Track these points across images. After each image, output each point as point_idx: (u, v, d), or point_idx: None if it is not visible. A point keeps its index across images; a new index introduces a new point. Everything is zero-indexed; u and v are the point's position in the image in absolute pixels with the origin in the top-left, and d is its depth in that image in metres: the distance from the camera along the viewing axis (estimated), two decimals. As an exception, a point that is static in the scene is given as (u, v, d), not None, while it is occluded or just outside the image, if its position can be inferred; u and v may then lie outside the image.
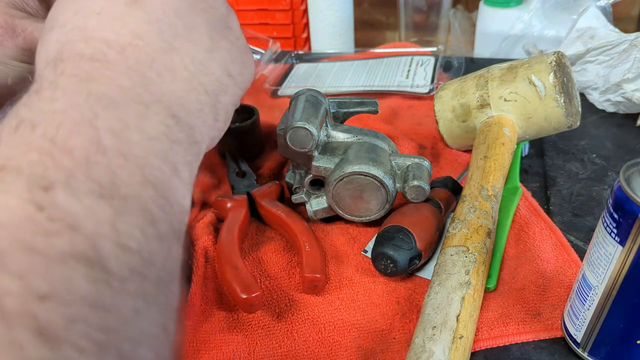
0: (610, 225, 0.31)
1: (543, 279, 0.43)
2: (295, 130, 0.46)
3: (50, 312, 0.15)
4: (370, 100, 0.54)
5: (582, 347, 0.36)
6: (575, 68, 0.69)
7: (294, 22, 0.93)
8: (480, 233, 0.42)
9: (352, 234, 0.50)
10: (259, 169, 0.59)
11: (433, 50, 0.84)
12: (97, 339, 0.16)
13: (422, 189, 0.46)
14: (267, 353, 0.39)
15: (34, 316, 0.15)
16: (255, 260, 0.47)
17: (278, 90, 0.78)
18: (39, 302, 0.15)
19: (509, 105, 0.53)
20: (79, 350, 0.15)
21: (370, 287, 0.44)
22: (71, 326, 0.15)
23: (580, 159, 0.59)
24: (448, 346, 0.34)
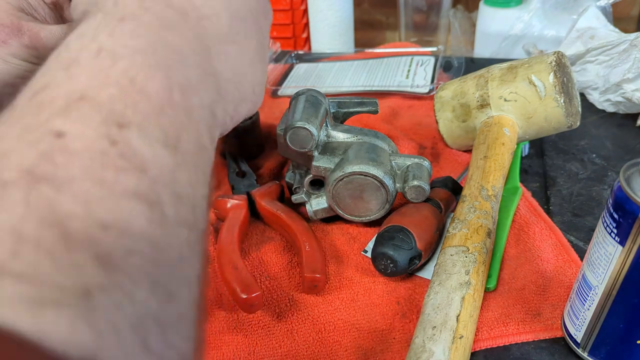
0: (610, 225, 0.31)
1: (543, 279, 0.43)
2: (295, 130, 0.46)
3: (110, 241, 0.16)
4: (370, 100, 0.54)
5: (582, 347, 0.36)
6: (575, 68, 0.69)
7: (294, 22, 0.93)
8: (480, 233, 0.42)
9: (352, 234, 0.50)
10: (259, 169, 0.59)
11: (433, 50, 0.84)
12: (151, 273, 0.16)
13: (422, 189, 0.46)
14: (267, 353, 0.39)
15: (96, 242, 0.15)
16: (255, 260, 0.47)
17: (278, 90, 0.78)
18: (101, 229, 0.16)
19: (509, 105, 0.53)
20: (134, 282, 0.16)
21: (370, 287, 0.44)
22: (129, 257, 0.16)
23: (580, 159, 0.59)
24: (448, 346, 0.34)
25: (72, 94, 0.18)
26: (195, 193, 0.20)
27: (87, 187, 0.16)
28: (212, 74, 0.25)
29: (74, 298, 0.14)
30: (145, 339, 0.16)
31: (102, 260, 0.15)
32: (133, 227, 0.16)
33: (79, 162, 0.17)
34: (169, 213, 0.18)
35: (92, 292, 0.14)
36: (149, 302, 0.16)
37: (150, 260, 0.17)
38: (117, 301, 0.15)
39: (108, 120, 0.18)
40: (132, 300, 0.15)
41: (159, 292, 0.17)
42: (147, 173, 0.18)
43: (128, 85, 0.19)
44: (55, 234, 0.15)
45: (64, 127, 0.17)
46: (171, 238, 0.18)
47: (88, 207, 0.16)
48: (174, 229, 0.18)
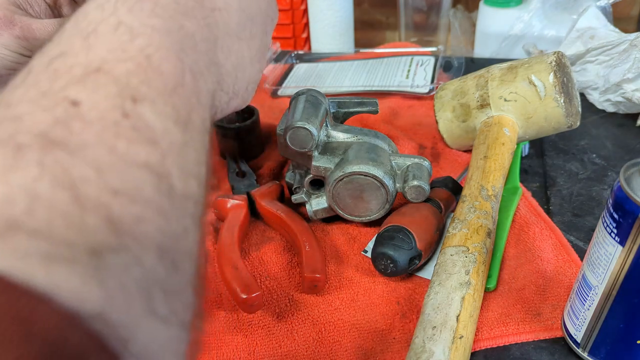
0: (610, 225, 0.31)
1: (543, 279, 0.43)
2: (295, 130, 0.46)
3: (121, 206, 0.16)
4: (370, 100, 0.54)
5: (582, 347, 0.36)
6: (575, 68, 0.69)
7: (294, 22, 0.93)
8: (480, 233, 0.42)
9: (352, 234, 0.50)
10: (259, 169, 0.59)
11: (433, 50, 0.84)
12: (159, 242, 0.17)
13: (422, 189, 0.46)
14: (267, 353, 0.39)
15: (107, 206, 0.16)
16: (255, 260, 0.47)
17: (278, 90, 0.78)
18: (113, 195, 0.16)
19: (509, 105, 0.53)
20: (143, 247, 0.16)
21: (370, 287, 0.44)
22: (138, 224, 0.17)
23: (580, 159, 0.59)
24: (448, 346, 0.34)
25: (89, 64, 0.19)
26: (200, 170, 0.21)
27: (100, 154, 0.17)
28: (215, 63, 0.26)
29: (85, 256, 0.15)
30: (151, 303, 0.16)
31: (112, 224, 0.16)
32: (143, 195, 0.17)
33: (93, 130, 0.17)
34: (177, 186, 0.19)
35: (102, 252, 0.15)
36: (156, 268, 0.17)
37: (159, 229, 0.17)
38: (126, 264, 0.16)
39: (123, 94, 0.18)
40: (140, 265, 0.16)
41: (165, 260, 0.17)
42: (158, 146, 0.18)
43: (144, 62, 0.20)
44: (68, 195, 0.15)
45: (80, 97, 0.18)
46: (178, 210, 0.19)
47: (100, 173, 0.16)
48: (181, 202, 0.19)
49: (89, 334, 0.14)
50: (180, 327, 0.18)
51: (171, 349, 0.17)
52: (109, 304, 0.15)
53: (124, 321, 0.15)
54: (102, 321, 0.14)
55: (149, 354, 0.16)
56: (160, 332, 0.16)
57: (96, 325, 0.14)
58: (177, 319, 0.17)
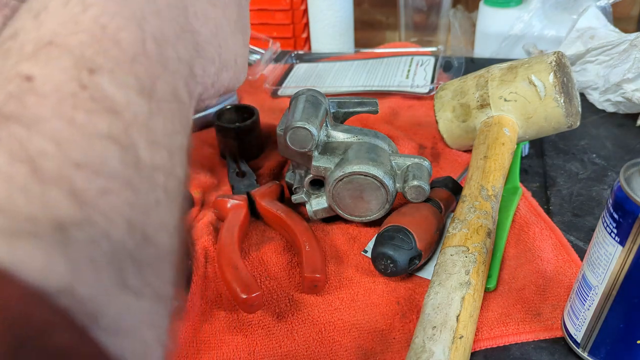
0: (610, 225, 0.31)
1: (543, 279, 0.43)
2: (295, 130, 0.46)
3: (84, 179, 0.16)
4: (370, 100, 0.54)
5: (582, 347, 0.36)
6: (575, 68, 0.69)
7: (294, 22, 0.93)
8: (480, 233, 0.42)
9: (352, 234, 0.50)
10: (259, 169, 0.59)
11: (433, 50, 0.84)
12: (126, 214, 0.17)
13: (422, 189, 0.46)
14: (267, 353, 0.39)
15: (69, 179, 0.15)
16: (255, 260, 0.47)
17: (278, 90, 0.78)
18: (74, 168, 0.16)
19: (509, 105, 0.53)
20: (110, 221, 0.16)
21: (370, 287, 0.44)
22: (104, 196, 0.16)
23: (580, 159, 0.59)
24: (448, 346, 0.34)
25: (41, 39, 0.18)
26: (172, 142, 0.20)
27: (57, 127, 0.16)
28: (189, 31, 0.25)
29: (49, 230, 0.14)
30: (122, 276, 0.16)
31: (75, 197, 0.15)
32: (107, 167, 0.17)
33: (48, 103, 0.17)
34: (144, 157, 0.18)
35: (66, 226, 0.15)
36: (125, 241, 0.16)
37: (126, 201, 0.17)
38: (92, 237, 0.15)
39: (78, 65, 0.18)
40: (108, 238, 0.16)
41: (135, 232, 0.17)
42: (120, 117, 0.18)
43: (99, 33, 0.19)
44: (27, 169, 0.15)
45: (33, 71, 0.17)
46: (147, 181, 0.18)
47: (59, 146, 0.16)
48: (150, 173, 0.18)
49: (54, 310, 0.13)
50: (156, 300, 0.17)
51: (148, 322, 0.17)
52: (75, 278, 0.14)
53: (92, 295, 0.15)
54: (69, 296, 0.14)
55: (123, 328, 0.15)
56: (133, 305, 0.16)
57: (63, 300, 0.14)
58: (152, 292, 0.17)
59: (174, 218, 0.20)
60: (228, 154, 0.60)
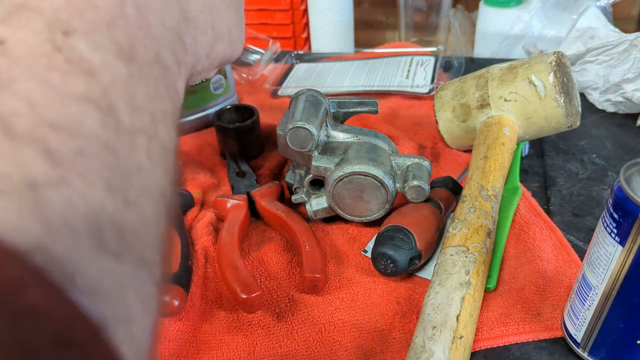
0: (610, 225, 0.31)
1: (543, 279, 0.43)
2: (295, 130, 0.46)
3: (60, 140, 0.16)
4: (370, 100, 0.54)
5: (582, 347, 0.36)
6: (575, 68, 0.69)
7: (294, 22, 0.93)
8: (480, 233, 0.42)
9: (352, 234, 0.50)
10: (259, 169, 0.59)
11: (433, 50, 0.84)
12: (105, 177, 0.16)
13: (422, 189, 0.46)
14: (267, 353, 0.39)
15: (44, 139, 0.15)
16: (255, 260, 0.47)
17: (278, 90, 0.78)
18: (49, 129, 0.15)
19: (509, 105, 0.53)
20: (87, 183, 0.16)
21: (370, 287, 0.44)
22: (81, 157, 0.16)
23: (580, 159, 0.59)
24: (448, 346, 0.34)
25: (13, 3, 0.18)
26: (155, 106, 0.20)
27: (31, 88, 0.16)
28: None
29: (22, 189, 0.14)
30: (101, 238, 0.16)
31: (50, 157, 0.15)
32: (84, 129, 0.16)
33: (21, 65, 0.16)
34: (124, 119, 0.18)
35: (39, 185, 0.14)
36: (104, 203, 0.16)
37: (105, 163, 0.17)
38: (68, 197, 0.15)
39: (52, 28, 0.18)
40: (85, 199, 0.15)
41: (115, 196, 0.17)
42: (98, 79, 0.18)
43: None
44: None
45: (5, 34, 0.17)
46: (127, 145, 0.18)
47: (33, 107, 0.16)
48: (130, 136, 0.18)
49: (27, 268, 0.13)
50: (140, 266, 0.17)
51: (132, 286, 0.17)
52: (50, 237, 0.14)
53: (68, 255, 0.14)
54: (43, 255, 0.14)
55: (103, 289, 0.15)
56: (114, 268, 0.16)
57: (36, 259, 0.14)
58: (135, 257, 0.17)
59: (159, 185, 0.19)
60: (228, 154, 0.60)
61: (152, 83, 0.20)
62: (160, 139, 0.20)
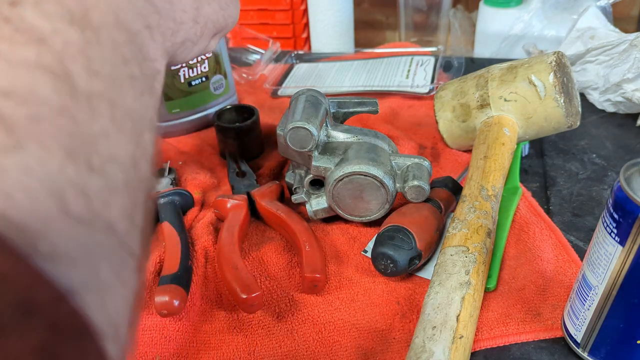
0: (610, 225, 0.31)
1: (543, 279, 0.43)
2: (295, 130, 0.46)
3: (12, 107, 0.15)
4: (370, 100, 0.54)
5: (582, 347, 0.36)
6: (575, 68, 0.69)
7: (294, 22, 0.93)
8: (480, 233, 0.42)
9: (352, 234, 0.50)
10: (259, 169, 0.59)
11: (433, 50, 0.84)
12: (64, 142, 0.16)
13: (422, 189, 0.46)
14: (267, 353, 0.39)
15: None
16: (255, 260, 0.47)
17: (278, 90, 0.78)
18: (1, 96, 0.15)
19: (509, 105, 0.53)
20: (44, 148, 0.16)
21: (370, 287, 0.44)
22: (35, 124, 0.16)
23: (580, 159, 0.59)
24: (448, 346, 0.34)
25: None
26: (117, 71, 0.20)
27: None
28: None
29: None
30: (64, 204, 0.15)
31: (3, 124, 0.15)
32: (37, 95, 0.16)
33: None
34: (81, 84, 0.18)
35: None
36: (65, 169, 0.16)
37: (62, 129, 0.16)
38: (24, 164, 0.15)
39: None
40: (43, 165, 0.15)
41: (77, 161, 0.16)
42: (49, 46, 0.17)
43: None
44: None
45: None
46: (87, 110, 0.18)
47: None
48: (90, 102, 0.18)
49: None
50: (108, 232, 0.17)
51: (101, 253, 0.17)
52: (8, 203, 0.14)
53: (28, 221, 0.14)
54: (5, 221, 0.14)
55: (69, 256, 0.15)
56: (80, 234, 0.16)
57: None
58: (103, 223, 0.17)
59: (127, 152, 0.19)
60: (228, 154, 0.60)
61: (111, 47, 0.20)
62: (126, 105, 0.20)
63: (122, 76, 0.20)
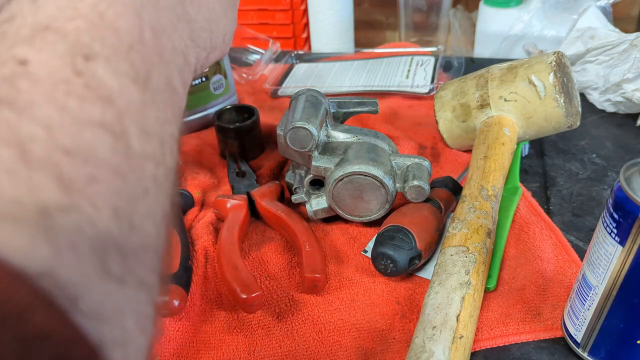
0: (610, 225, 0.31)
1: (543, 279, 0.43)
2: (295, 130, 0.46)
3: (73, 166, 0.16)
4: (370, 100, 0.54)
5: (582, 347, 0.36)
6: (575, 68, 0.69)
7: (294, 22, 0.93)
8: (480, 233, 0.42)
9: (352, 234, 0.50)
10: (259, 169, 0.59)
11: (433, 50, 0.84)
12: (113, 202, 0.17)
13: (422, 189, 0.46)
14: (267, 353, 0.39)
15: (57, 165, 0.16)
16: (255, 260, 0.47)
17: (278, 90, 0.78)
18: (63, 154, 0.16)
19: (509, 105, 0.53)
20: (96, 208, 0.16)
21: (370, 287, 0.44)
22: (91, 183, 0.16)
23: (580, 159, 0.59)
24: (448, 346, 0.34)
25: (38, 24, 0.18)
26: (164, 131, 0.20)
27: (49, 113, 0.16)
28: (185, 20, 0.25)
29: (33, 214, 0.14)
30: (105, 263, 0.16)
31: (62, 183, 0.15)
32: (97, 155, 0.17)
33: (42, 88, 0.17)
34: (135, 146, 0.18)
35: (51, 211, 0.15)
36: (110, 228, 0.16)
37: (114, 189, 0.17)
38: (77, 223, 0.15)
39: (74, 51, 0.18)
40: (92, 225, 0.16)
41: (121, 220, 0.17)
42: (114, 105, 0.18)
43: (97, 19, 0.19)
44: (14, 153, 0.15)
45: (28, 55, 0.17)
46: (136, 170, 0.18)
47: (49, 132, 0.16)
48: (140, 162, 0.18)
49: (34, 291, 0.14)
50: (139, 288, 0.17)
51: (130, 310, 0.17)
52: (57, 262, 0.14)
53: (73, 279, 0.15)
54: (50, 279, 0.14)
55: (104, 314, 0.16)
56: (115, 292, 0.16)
57: (43, 283, 0.14)
58: (136, 280, 0.17)
59: (161, 207, 0.20)
60: (228, 154, 0.60)
61: (162, 108, 0.21)
62: (167, 164, 0.20)
63: (166, 135, 0.21)
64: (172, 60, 0.23)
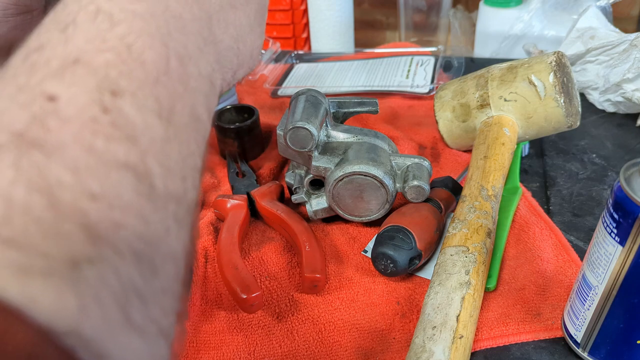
0: (610, 225, 0.31)
1: (543, 279, 0.43)
2: (295, 130, 0.46)
3: (99, 212, 0.15)
4: (370, 100, 0.54)
5: (582, 347, 0.36)
6: (575, 68, 0.69)
7: (294, 22, 0.93)
8: (480, 233, 0.42)
9: (352, 234, 0.50)
10: (259, 169, 0.59)
11: (433, 50, 0.84)
12: (136, 247, 0.16)
13: (422, 189, 0.46)
14: (267, 353, 0.39)
15: (84, 213, 0.15)
16: (256, 260, 0.47)
17: (278, 90, 0.78)
18: (90, 200, 0.15)
19: (509, 105, 0.53)
20: (119, 255, 0.16)
21: (370, 287, 0.44)
22: (116, 230, 0.16)
23: (580, 159, 0.59)
24: (448, 346, 0.34)
25: (67, 56, 0.18)
26: (186, 165, 0.20)
27: (77, 155, 0.16)
28: (212, 42, 0.25)
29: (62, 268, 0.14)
30: (128, 313, 0.16)
31: (89, 232, 0.15)
32: (122, 199, 0.16)
33: (70, 128, 0.16)
34: (158, 186, 0.18)
35: (79, 263, 0.14)
36: (132, 276, 0.16)
37: (137, 234, 0.16)
38: (102, 274, 0.15)
39: (102, 87, 0.18)
40: (116, 274, 0.15)
41: (143, 266, 0.16)
42: (138, 143, 0.17)
43: (125, 52, 0.19)
44: (45, 201, 0.15)
45: (57, 91, 0.17)
46: (158, 211, 0.18)
47: (77, 176, 0.16)
48: (162, 202, 0.18)
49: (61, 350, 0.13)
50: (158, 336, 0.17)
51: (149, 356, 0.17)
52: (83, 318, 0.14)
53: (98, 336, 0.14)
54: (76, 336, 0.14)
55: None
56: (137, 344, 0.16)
57: (69, 341, 0.13)
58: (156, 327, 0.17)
59: (182, 245, 0.19)
60: (228, 154, 0.60)
61: (185, 141, 0.20)
62: (188, 200, 0.20)
63: (188, 170, 0.20)
64: (198, 88, 0.22)
